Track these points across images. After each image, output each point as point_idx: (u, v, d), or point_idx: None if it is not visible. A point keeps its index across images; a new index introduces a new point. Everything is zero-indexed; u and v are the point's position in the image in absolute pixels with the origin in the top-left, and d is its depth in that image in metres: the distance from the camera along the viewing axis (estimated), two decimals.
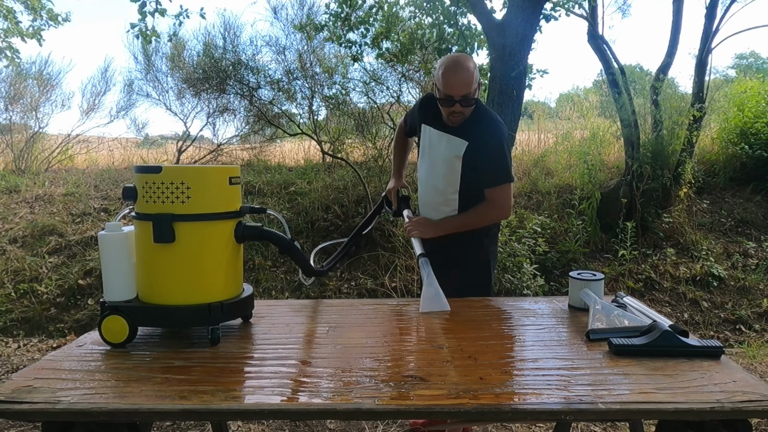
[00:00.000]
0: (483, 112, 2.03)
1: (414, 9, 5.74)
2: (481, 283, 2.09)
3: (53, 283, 4.64)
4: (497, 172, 1.98)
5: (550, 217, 5.52)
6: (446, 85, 1.91)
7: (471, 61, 1.94)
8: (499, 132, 1.98)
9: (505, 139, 2.00)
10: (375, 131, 6.71)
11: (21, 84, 8.20)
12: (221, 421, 1.89)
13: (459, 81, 1.90)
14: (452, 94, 1.91)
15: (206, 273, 1.48)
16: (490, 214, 2.03)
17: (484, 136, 1.97)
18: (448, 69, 1.92)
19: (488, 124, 1.99)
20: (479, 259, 2.09)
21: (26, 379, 1.23)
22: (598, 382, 1.20)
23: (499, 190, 1.98)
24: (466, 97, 1.92)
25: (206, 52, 7.16)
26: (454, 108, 1.94)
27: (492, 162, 1.97)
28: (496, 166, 1.97)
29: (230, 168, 1.52)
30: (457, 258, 2.06)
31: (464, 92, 1.91)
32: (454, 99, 1.92)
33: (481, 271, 2.10)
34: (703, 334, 4.30)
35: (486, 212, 2.02)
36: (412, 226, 2.06)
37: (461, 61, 1.93)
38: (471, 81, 1.91)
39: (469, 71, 1.91)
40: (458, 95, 1.91)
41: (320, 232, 5.32)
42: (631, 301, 1.68)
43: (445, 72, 1.92)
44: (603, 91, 8.32)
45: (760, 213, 5.96)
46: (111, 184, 6.58)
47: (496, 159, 1.96)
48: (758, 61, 21.45)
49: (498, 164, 1.97)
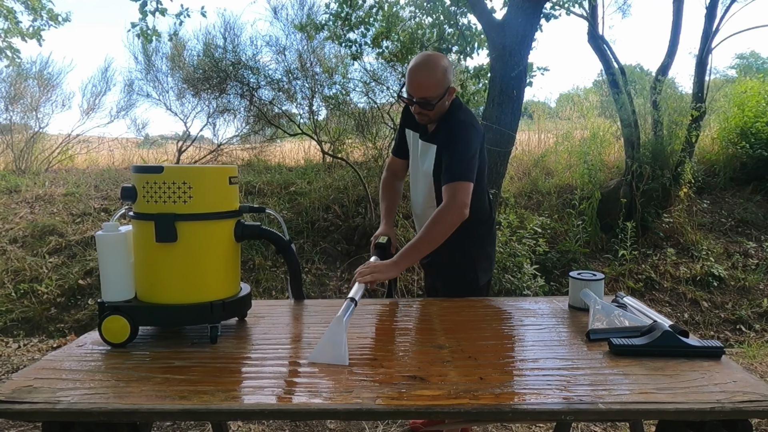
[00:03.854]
0: (453, 113, 1.92)
1: (414, 9, 5.75)
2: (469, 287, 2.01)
3: (53, 283, 4.64)
4: (453, 168, 1.83)
5: (551, 217, 5.52)
6: (408, 83, 1.88)
7: (440, 64, 1.85)
8: (462, 132, 1.88)
9: (467, 139, 1.87)
10: (375, 131, 6.72)
11: (21, 84, 8.20)
12: (221, 421, 1.89)
13: (417, 82, 1.84)
14: (411, 93, 1.86)
15: (207, 272, 1.49)
16: (445, 218, 1.79)
17: (447, 136, 1.89)
18: (412, 67, 1.86)
19: (453, 125, 1.90)
20: (462, 261, 2.00)
21: (26, 379, 1.23)
22: (598, 382, 1.20)
23: (453, 187, 1.80)
24: (425, 100, 1.85)
25: (206, 52, 7.16)
26: (413, 108, 1.90)
27: (450, 159, 1.85)
28: (452, 163, 1.84)
29: (229, 168, 1.53)
30: (439, 260, 1.99)
31: (422, 94, 1.84)
32: (413, 99, 1.87)
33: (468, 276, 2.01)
34: (703, 334, 4.30)
35: (439, 219, 1.79)
36: (365, 269, 1.77)
37: (428, 62, 1.85)
38: (431, 85, 1.83)
39: (433, 75, 1.83)
40: (416, 96, 1.86)
41: (320, 232, 5.33)
42: (631, 301, 1.68)
43: (410, 69, 1.87)
44: (603, 91, 8.32)
45: (760, 213, 5.96)
46: (111, 184, 6.58)
47: (453, 156, 1.85)
48: (758, 61, 21.46)
49: (455, 161, 1.84)
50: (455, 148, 1.86)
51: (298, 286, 1.84)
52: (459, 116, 1.92)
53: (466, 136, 1.88)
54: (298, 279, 1.82)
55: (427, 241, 1.80)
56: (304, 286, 1.85)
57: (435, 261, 2.02)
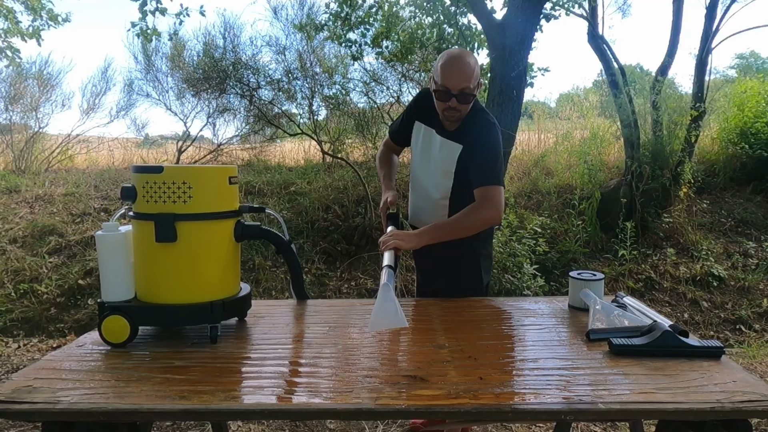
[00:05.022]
0: (480, 114, 1.93)
1: (414, 9, 5.75)
2: (473, 287, 2.02)
3: (53, 283, 4.64)
4: (489, 171, 1.86)
5: (550, 217, 5.53)
6: (444, 77, 1.82)
7: (473, 57, 1.87)
8: (494, 135, 1.90)
9: (499, 143, 1.90)
10: (375, 131, 6.72)
11: (21, 84, 8.19)
12: (221, 421, 1.89)
13: (458, 73, 1.81)
14: (449, 86, 1.82)
15: (208, 272, 1.49)
16: (483, 213, 1.83)
17: (478, 138, 1.88)
18: (448, 60, 1.85)
19: (484, 126, 1.90)
20: (470, 263, 2.01)
21: (26, 379, 1.23)
22: (598, 382, 1.20)
23: (491, 190, 1.83)
24: (463, 92, 1.82)
25: (206, 52, 7.16)
26: (450, 103, 1.84)
27: (484, 162, 1.86)
28: (488, 166, 1.86)
29: (229, 168, 1.53)
30: (446, 263, 1.99)
31: (462, 86, 1.81)
32: (451, 92, 1.82)
33: (472, 276, 2.03)
34: (703, 334, 4.30)
35: (476, 212, 1.83)
36: (389, 237, 1.81)
37: (463, 55, 1.85)
38: (470, 75, 1.82)
39: (470, 66, 1.82)
40: (455, 89, 1.81)
41: (320, 232, 5.33)
42: (631, 301, 1.68)
43: (444, 63, 1.84)
44: (603, 91, 8.31)
45: (760, 213, 5.96)
46: (111, 184, 6.58)
47: (488, 159, 1.87)
48: (758, 61, 21.47)
49: (490, 164, 1.86)
50: (488, 150, 1.87)
51: (300, 286, 1.83)
52: (487, 117, 1.94)
53: (497, 139, 1.90)
54: (299, 279, 1.82)
55: (457, 228, 1.84)
56: (304, 285, 1.85)
57: (440, 260, 2.01)
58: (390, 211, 2.07)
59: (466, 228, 1.84)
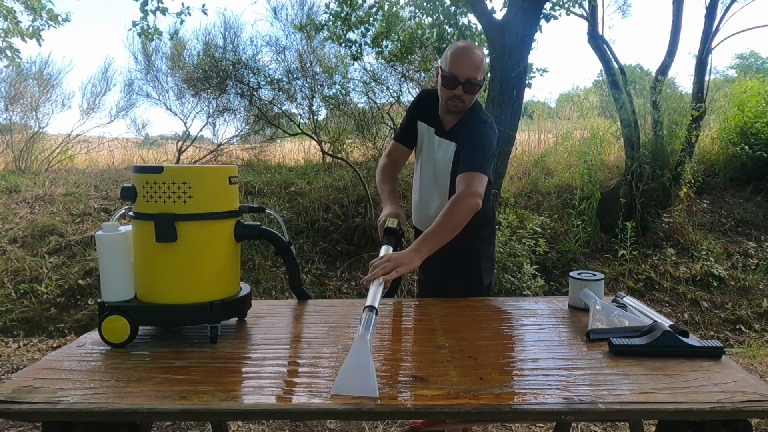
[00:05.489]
0: (475, 113, 1.96)
1: (414, 9, 5.75)
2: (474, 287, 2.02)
3: (53, 283, 4.64)
4: (472, 159, 1.84)
5: (550, 217, 5.53)
6: (453, 64, 1.86)
7: (482, 51, 1.92)
8: (484, 130, 1.90)
9: (489, 138, 1.89)
10: (375, 131, 6.72)
11: (21, 84, 8.19)
12: (221, 421, 1.89)
13: (467, 62, 1.85)
14: (457, 74, 1.85)
15: (208, 272, 1.49)
16: (461, 206, 1.74)
17: (469, 133, 1.91)
18: (458, 49, 1.89)
19: (476, 123, 1.92)
20: (470, 264, 2.02)
21: (26, 379, 1.23)
22: (598, 382, 1.20)
23: (469, 176, 1.79)
24: (470, 81, 1.86)
25: (206, 51, 7.17)
26: (456, 91, 1.86)
27: (471, 153, 1.85)
28: (473, 155, 1.84)
29: (229, 168, 1.53)
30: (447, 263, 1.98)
31: (469, 75, 1.85)
32: (458, 80, 1.85)
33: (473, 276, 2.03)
34: (703, 334, 4.30)
35: (456, 207, 1.74)
36: (385, 263, 1.62)
37: (473, 46, 1.92)
38: (479, 66, 1.86)
39: (479, 57, 1.87)
40: (463, 77, 1.85)
41: (320, 232, 5.33)
42: (631, 301, 1.68)
43: (455, 51, 1.88)
44: (603, 91, 8.32)
45: (760, 213, 5.96)
46: (111, 184, 6.58)
47: (476, 151, 1.85)
48: (758, 61, 21.47)
49: (476, 154, 1.85)
50: (475, 143, 1.87)
51: (299, 287, 1.84)
52: (481, 116, 1.96)
53: (488, 135, 1.91)
54: (297, 280, 1.82)
55: (447, 228, 1.74)
56: (303, 286, 1.85)
57: (440, 262, 2.01)
58: (389, 225, 1.96)
59: (454, 225, 1.75)
